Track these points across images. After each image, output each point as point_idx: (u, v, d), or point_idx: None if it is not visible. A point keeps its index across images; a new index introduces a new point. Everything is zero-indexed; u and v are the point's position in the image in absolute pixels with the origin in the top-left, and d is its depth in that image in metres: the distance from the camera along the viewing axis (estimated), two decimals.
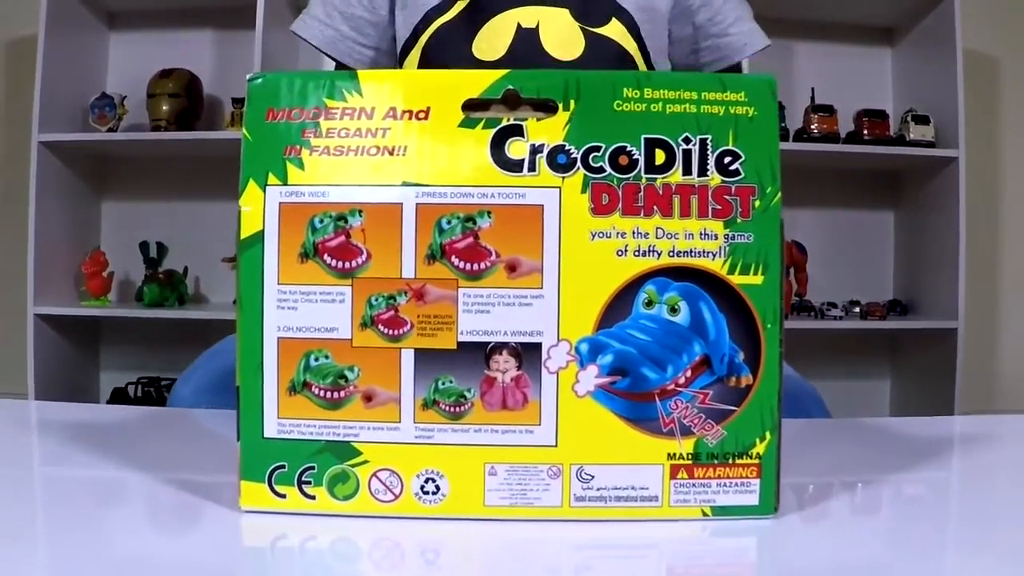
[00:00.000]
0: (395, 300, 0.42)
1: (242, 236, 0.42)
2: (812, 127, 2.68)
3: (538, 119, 0.42)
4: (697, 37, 1.05)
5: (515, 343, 0.42)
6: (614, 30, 1.00)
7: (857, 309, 2.60)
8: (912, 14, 2.80)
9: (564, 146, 0.42)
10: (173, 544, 0.41)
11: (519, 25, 0.99)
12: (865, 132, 2.66)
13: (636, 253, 0.42)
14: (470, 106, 0.43)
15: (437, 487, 0.43)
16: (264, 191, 0.42)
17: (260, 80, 0.43)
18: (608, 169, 0.42)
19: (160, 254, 2.48)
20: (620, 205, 0.42)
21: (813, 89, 2.84)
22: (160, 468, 0.52)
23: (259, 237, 0.42)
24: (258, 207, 0.42)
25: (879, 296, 2.81)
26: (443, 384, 0.42)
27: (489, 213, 0.42)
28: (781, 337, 0.43)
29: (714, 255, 0.42)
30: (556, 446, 0.42)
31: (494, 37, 0.98)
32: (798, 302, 2.48)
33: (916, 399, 2.75)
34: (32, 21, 2.30)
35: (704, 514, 0.43)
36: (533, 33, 0.99)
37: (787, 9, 2.85)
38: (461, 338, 0.42)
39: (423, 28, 1.01)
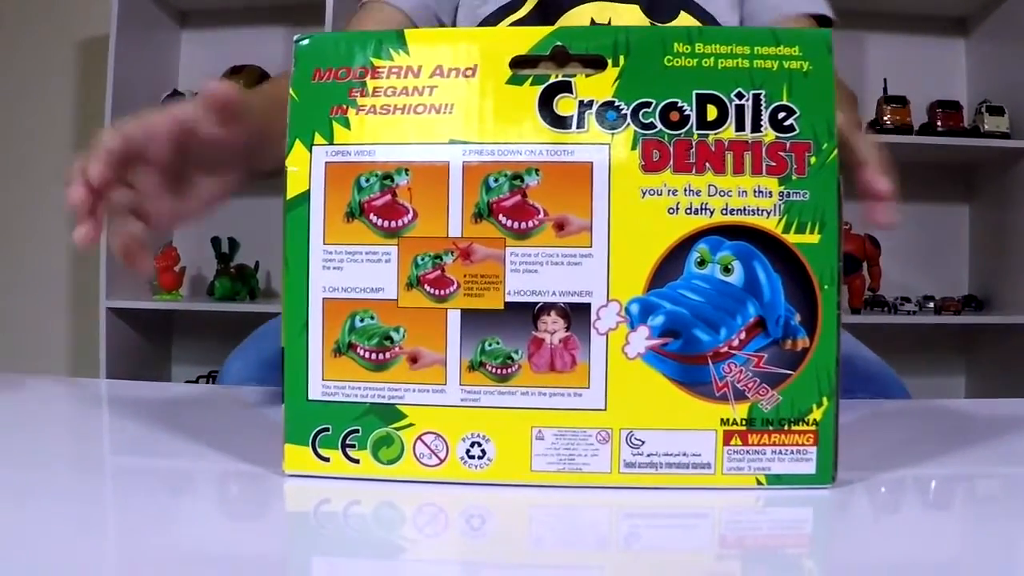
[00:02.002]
0: (441, 259, 0.42)
1: (288, 196, 0.42)
2: (885, 118, 2.63)
3: (587, 75, 0.41)
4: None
5: (564, 303, 0.41)
6: (683, 23, 0.98)
7: (931, 304, 2.55)
8: (986, 4, 2.73)
9: (614, 102, 0.41)
10: (213, 508, 0.41)
11: (592, 21, 0.98)
12: (939, 123, 2.62)
13: (688, 211, 0.41)
14: (518, 63, 0.42)
15: (483, 451, 0.42)
16: (310, 151, 0.42)
17: (307, 41, 0.43)
18: (659, 125, 0.41)
19: (232, 249, 2.52)
20: (671, 162, 0.41)
21: (886, 80, 2.78)
22: (206, 438, 0.52)
23: (305, 197, 0.42)
24: (304, 167, 0.42)
25: (954, 291, 2.75)
26: (490, 345, 0.42)
27: (537, 171, 0.41)
28: (839, 300, 0.41)
29: (768, 213, 0.41)
30: (605, 410, 0.41)
31: None
32: (871, 296, 2.44)
33: (992, 394, 2.68)
34: (104, 21, 2.35)
35: (759, 483, 0.42)
36: None
37: (859, 0, 2.81)
38: (508, 298, 0.42)
39: (494, 23, 1.00)
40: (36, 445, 0.52)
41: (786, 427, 0.41)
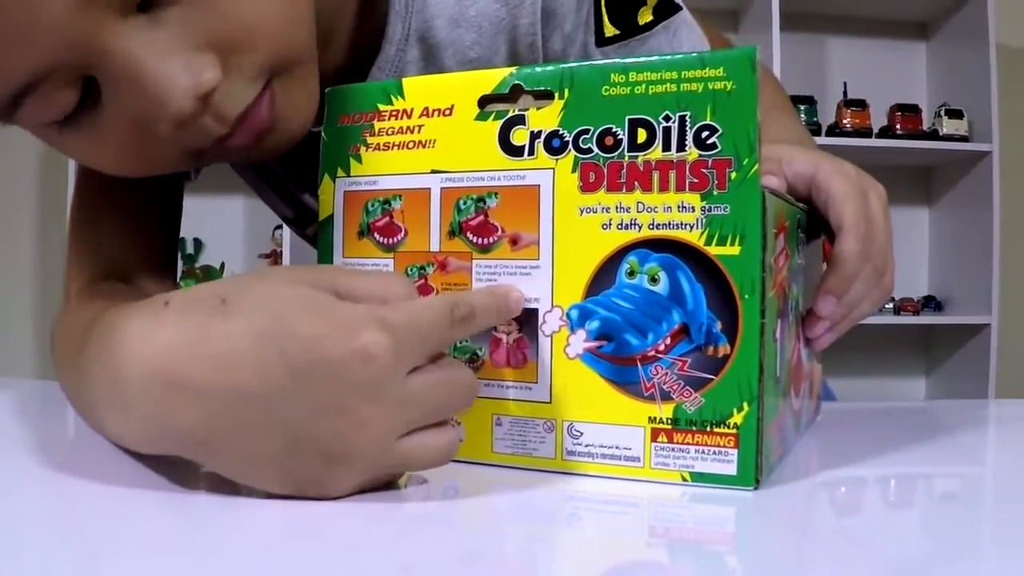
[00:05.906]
0: (425, 270, 0.49)
1: (320, 219, 0.52)
2: (845, 122, 2.70)
3: (538, 107, 0.47)
4: None
5: None
6: None
7: (890, 304, 2.61)
8: (946, 8, 2.83)
9: (558, 131, 0.46)
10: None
11: None
12: (898, 127, 2.69)
13: (619, 226, 0.45)
14: (485, 101, 0.48)
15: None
16: (334, 182, 0.52)
17: (334, 92, 0.53)
18: (595, 150, 0.46)
19: (196, 250, 2.53)
20: (605, 182, 0.45)
21: (846, 84, 2.89)
22: None
23: (330, 220, 0.52)
24: (329, 195, 0.52)
25: (913, 292, 2.88)
26: (461, 343, 0.49)
27: (496, 194, 0.48)
28: (762, 308, 0.43)
29: (692, 227, 0.44)
30: (550, 403, 0.47)
31: None
32: None
33: (951, 395, 2.83)
34: None
35: (683, 479, 0.44)
36: None
37: (820, 4, 2.90)
38: None
39: None
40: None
41: (708, 429, 0.44)
